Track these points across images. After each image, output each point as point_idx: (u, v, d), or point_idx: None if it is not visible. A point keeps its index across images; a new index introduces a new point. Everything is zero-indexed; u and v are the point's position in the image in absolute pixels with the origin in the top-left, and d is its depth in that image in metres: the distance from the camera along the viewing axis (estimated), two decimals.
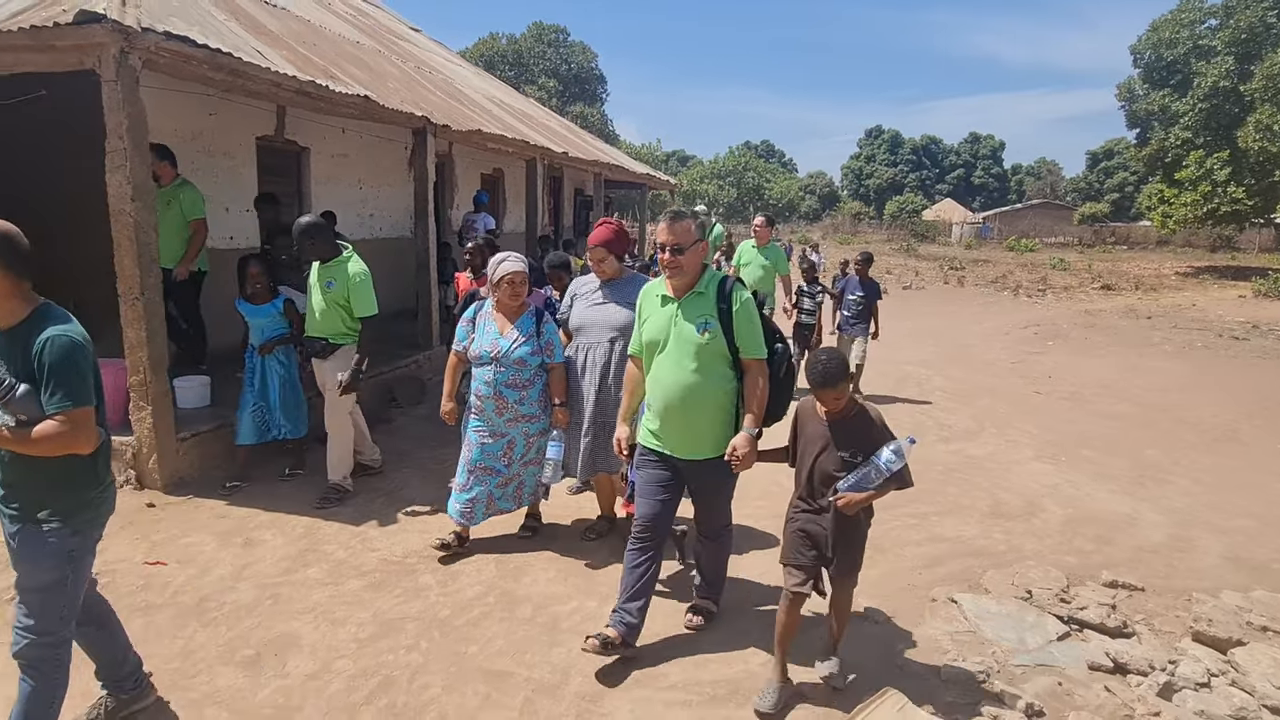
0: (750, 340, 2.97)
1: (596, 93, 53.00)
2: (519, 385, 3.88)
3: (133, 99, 4.27)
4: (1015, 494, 5.30)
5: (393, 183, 9.96)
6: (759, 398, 2.96)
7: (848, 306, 7.87)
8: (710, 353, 2.94)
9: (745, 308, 2.97)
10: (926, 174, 76.34)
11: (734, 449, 2.90)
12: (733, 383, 3.02)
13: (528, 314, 3.94)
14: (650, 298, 3.14)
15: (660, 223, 2.95)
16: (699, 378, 2.95)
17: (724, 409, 3.02)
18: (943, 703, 2.92)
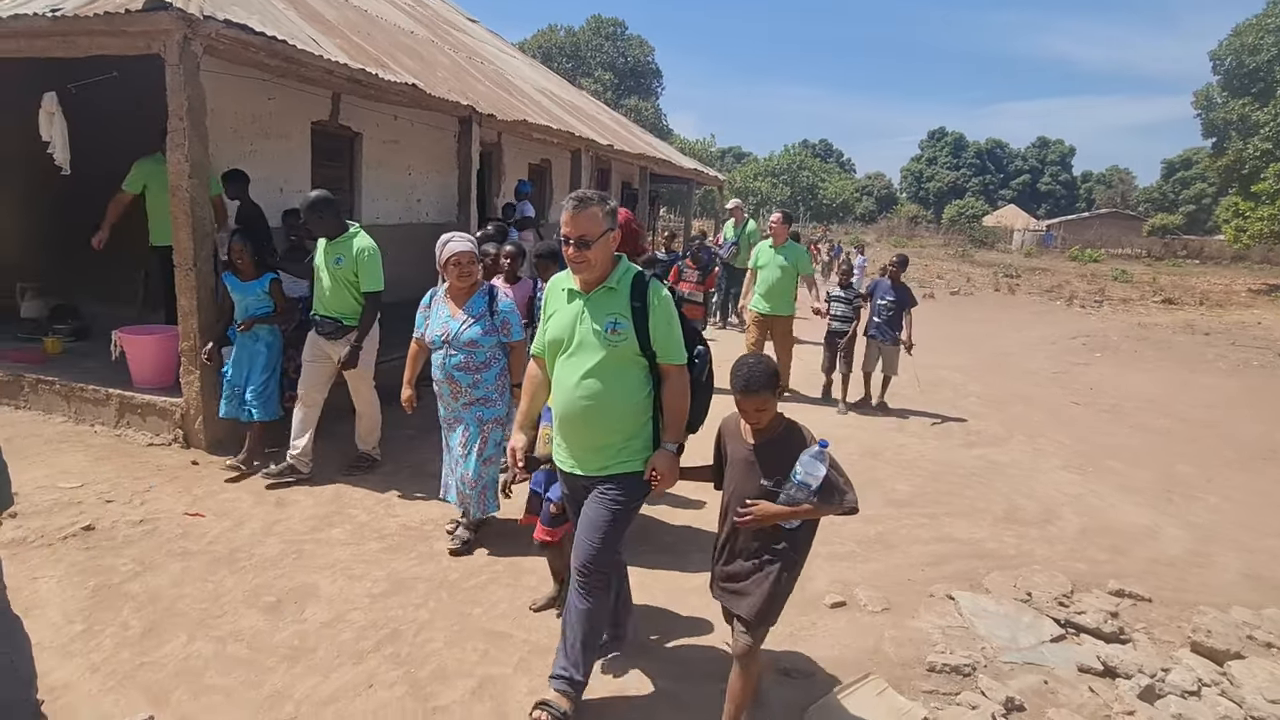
0: (667, 343, 2.59)
1: (651, 87, 53.07)
2: (470, 368, 3.76)
3: (193, 82, 4.57)
4: (1034, 500, 5.25)
5: (440, 169, 10.25)
6: (678, 409, 2.63)
7: (877, 311, 7.42)
8: (619, 356, 2.56)
9: (663, 306, 2.59)
10: (990, 179, 74.18)
11: (653, 467, 2.59)
12: (647, 390, 2.64)
13: (479, 294, 3.83)
14: (556, 292, 2.73)
15: (564, 210, 2.52)
16: (604, 384, 2.57)
17: (634, 420, 2.63)
18: (922, 691, 2.97)
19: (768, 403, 2.42)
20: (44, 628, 3.01)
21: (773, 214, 7.61)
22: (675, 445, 2.63)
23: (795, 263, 7.24)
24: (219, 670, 2.84)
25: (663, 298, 2.61)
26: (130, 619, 3.12)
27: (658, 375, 2.64)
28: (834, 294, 7.51)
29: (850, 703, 2.83)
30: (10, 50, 4.92)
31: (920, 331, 7.93)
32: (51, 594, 3.25)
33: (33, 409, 5.48)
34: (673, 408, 2.63)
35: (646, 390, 2.64)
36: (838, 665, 3.12)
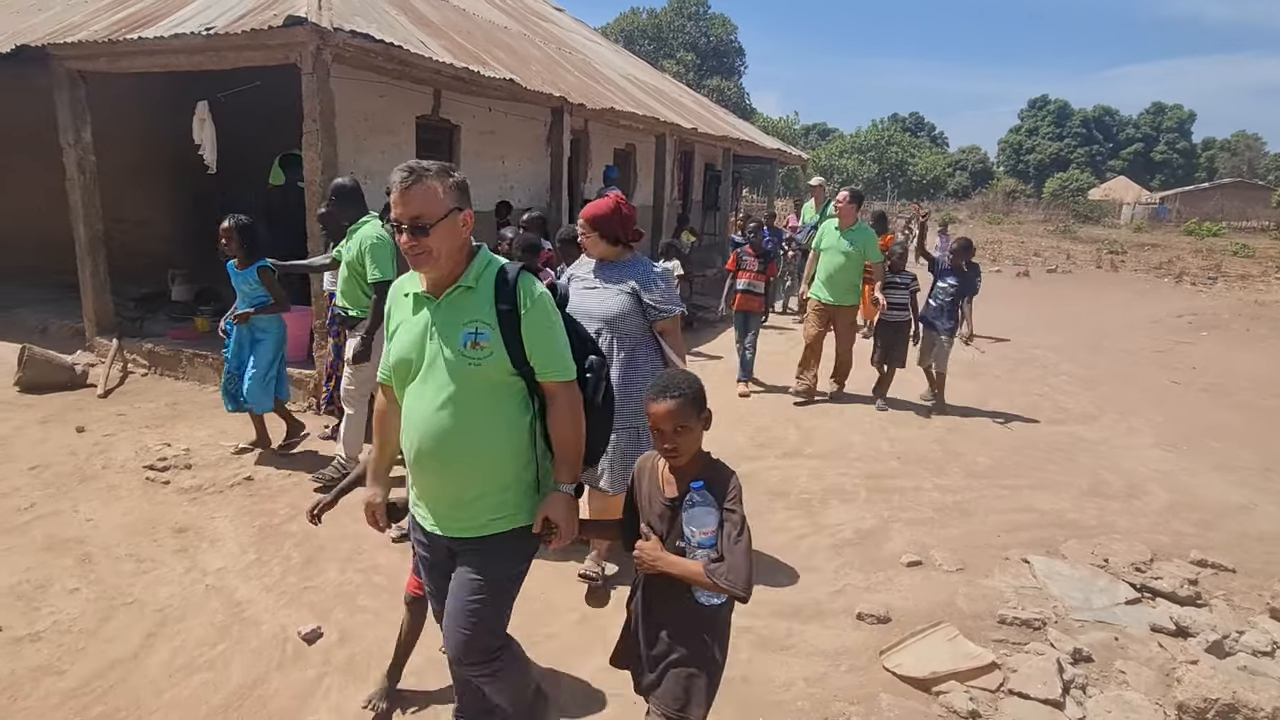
0: (548, 354, 2.00)
1: (734, 66, 52.49)
2: None
3: (325, 88, 5.13)
4: (1120, 475, 5.25)
5: (532, 157, 10.74)
6: (569, 439, 2.04)
7: (935, 295, 6.53)
8: (485, 379, 1.96)
9: (539, 306, 1.99)
10: (1097, 149, 69.72)
11: (544, 518, 2.01)
12: (527, 420, 2.04)
13: None
14: (399, 298, 2.10)
15: (393, 187, 1.91)
16: (467, 417, 1.96)
17: (510, 463, 2.03)
18: (992, 640, 3.18)
19: (689, 422, 1.86)
20: (225, 556, 3.61)
21: (839, 193, 6.72)
22: (571, 486, 2.05)
23: (863, 248, 6.48)
24: (368, 595, 3.35)
25: (538, 296, 2.00)
26: (291, 552, 3.69)
27: (542, 398, 2.05)
28: (890, 280, 6.62)
29: (923, 646, 3.07)
30: (170, 65, 5.61)
31: (1013, 310, 7.84)
32: (227, 530, 3.86)
33: (190, 379, 6.27)
34: (562, 437, 2.04)
35: (527, 420, 2.04)
36: (911, 614, 3.36)
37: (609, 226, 3.27)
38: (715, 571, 1.77)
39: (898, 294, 6.56)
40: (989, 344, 9.39)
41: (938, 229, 13.06)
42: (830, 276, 6.53)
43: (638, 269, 3.33)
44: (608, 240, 3.30)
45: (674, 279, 3.32)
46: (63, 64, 5.95)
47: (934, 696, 2.82)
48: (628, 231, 3.32)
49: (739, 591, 1.76)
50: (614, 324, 3.28)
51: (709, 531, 1.80)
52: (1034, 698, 2.76)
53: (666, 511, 1.93)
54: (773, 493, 4.69)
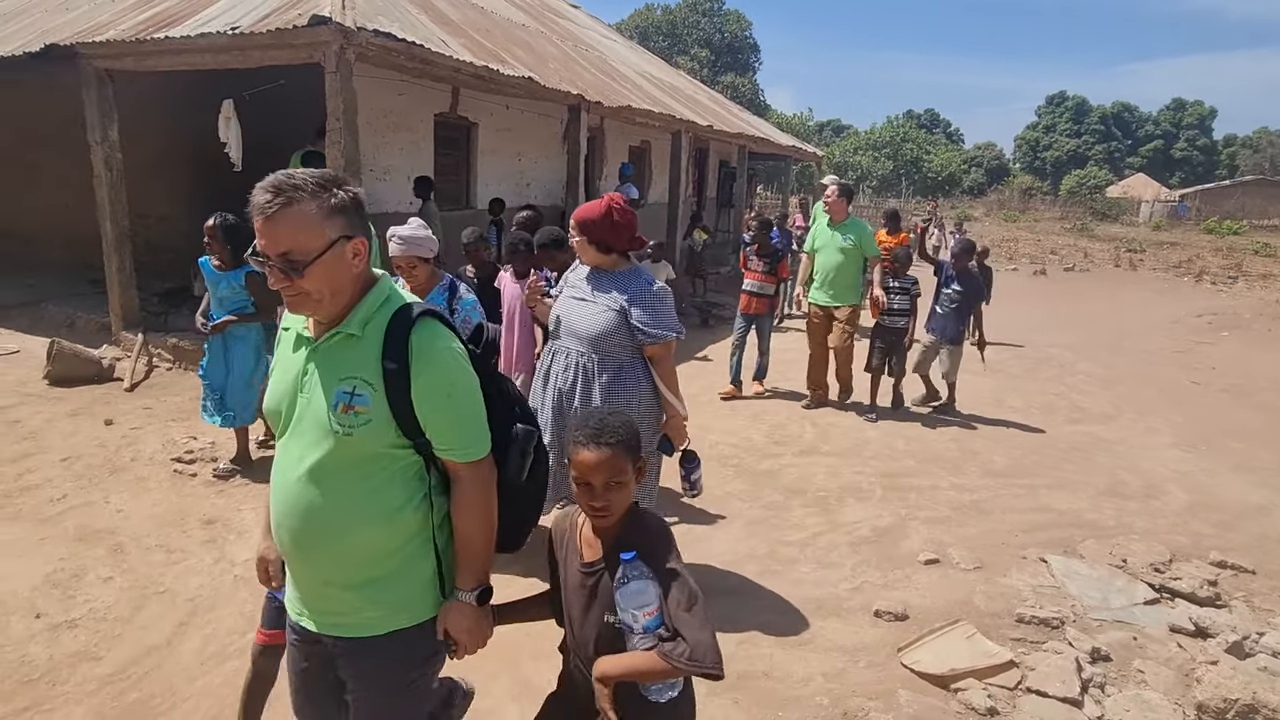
0: (447, 427, 1.54)
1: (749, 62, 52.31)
2: None
3: (348, 86, 5.19)
4: (1138, 476, 5.24)
5: (548, 154, 10.80)
6: (474, 534, 1.59)
7: (940, 302, 6.21)
8: (357, 449, 1.50)
9: (438, 367, 1.52)
10: (1115, 146, 68.95)
11: (443, 629, 1.63)
12: (417, 499, 1.57)
13: (437, 290, 3.40)
14: (285, 336, 1.67)
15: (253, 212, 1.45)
16: (331, 491, 1.52)
17: (392, 550, 1.57)
18: (1009, 639, 3.20)
19: (623, 476, 1.52)
20: (252, 547, 3.66)
21: (828, 186, 6.30)
22: (474, 593, 1.61)
23: (859, 243, 6.01)
24: None
25: (438, 353, 1.52)
26: None
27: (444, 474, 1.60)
28: (889, 284, 6.15)
29: (941, 643, 3.10)
30: (196, 64, 5.70)
31: (1029, 309, 7.78)
32: (253, 522, 3.93)
33: None
34: (465, 533, 1.59)
35: (418, 500, 1.58)
36: (929, 612, 3.38)
37: (598, 232, 2.93)
38: (674, 654, 1.44)
39: (899, 298, 6.13)
40: (1002, 350, 9.35)
41: (953, 227, 12.98)
42: (828, 277, 6.09)
43: (632, 283, 2.97)
44: (597, 247, 2.96)
45: (668, 292, 3.00)
46: (91, 63, 6.05)
47: (952, 693, 2.84)
48: (620, 239, 2.95)
49: (710, 670, 1.43)
50: (598, 343, 2.95)
51: (652, 611, 1.46)
52: (1052, 696, 2.78)
53: (585, 580, 1.57)
54: (790, 490, 4.71)
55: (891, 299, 6.12)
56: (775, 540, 4.04)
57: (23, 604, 3.11)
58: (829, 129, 67.03)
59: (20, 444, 4.73)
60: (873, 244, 6.14)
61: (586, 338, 2.97)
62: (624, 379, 2.99)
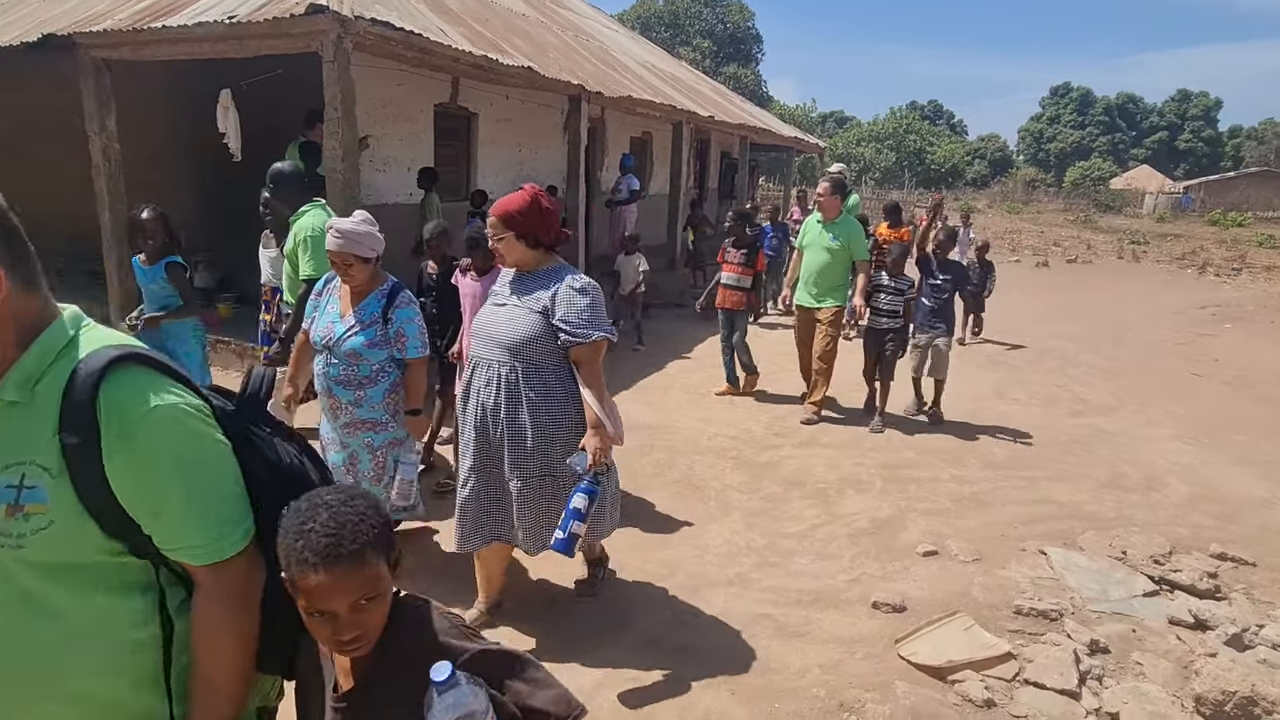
0: (170, 517, 1.10)
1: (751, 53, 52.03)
2: (353, 383, 3.05)
3: (345, 76, 5.15)
4: (1139, 468, 5.22)
5: (549, 145, 10.75)
6: (219, 669, 1.17)
7: (925, 294, 5.88)
8: (35, 563, 1.05)
9: (150, 430, 1.08)
10: (1120, 137, 68.64)
11: None
12: (140, 624, 1.13)
13: (375, 294, 3.08)
14: None
15: None
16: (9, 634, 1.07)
17: (105, 697, 1.12)
18: (1008, 630, 3.19)
19: (375, 585, 1.10)
20: None
21: (820, 182, 5.96)
22: None
23: (847, 243, 5.65)
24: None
25: (150, 412, 1.08)
26: None
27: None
28: (881, 282, 5.74)
29: (938, 635, 3.09)
30: (194, 53, 5.66)
31: (1032, 301, 7.73)
32: None
33: (214, 365, 6.34)
34: (205, 668, 1.17)
35: (142, 623, 1.14)
36: (927, 604, 3.37)
37: (526, 225, 2.62)
38: None
39: (891, 300, 5.69)
40: (1003, 349, 9.33)
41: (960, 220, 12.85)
42: (813, 276, 5.75)
43: (555, 280, 2.67)
44: (526, 242, 2.65)
45: (594, 288, 2.67)
46: (88, 53, 6.02)
47: (949, 685, 2.83)
48: (550, 231, 2.68)
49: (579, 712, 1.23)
50: (521, 351, 2.65)
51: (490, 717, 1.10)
52: (1050, 688, 2.77)
53: (338, 715, 1.17)
54: (789, 482, 4.70)
55: (881, 299, 5.69)
56: (774, 532, 4.04)
57: None
58: (832, 120, 66.75)
59: None
60: (862, 248, 5.73)
61: (507, 345, 2.65)
62: (554, 392, 2.68)
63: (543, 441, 2.68)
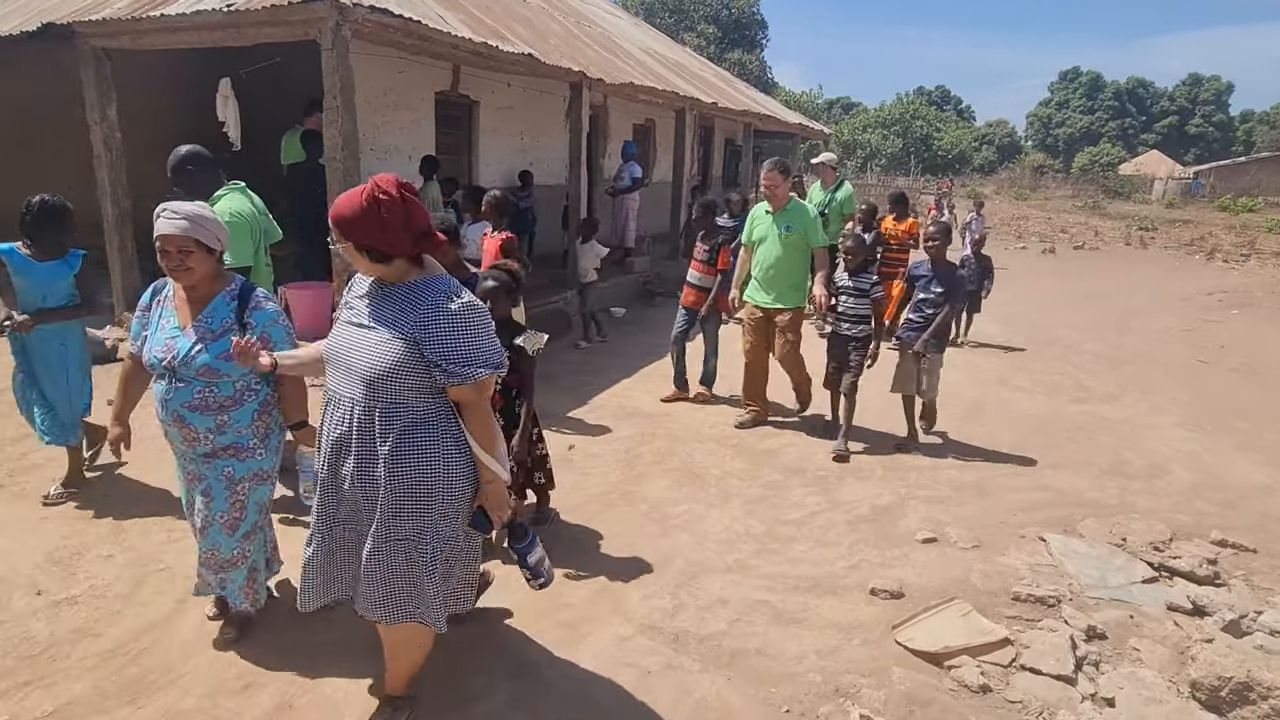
0: None
1: (756, 39, 51.60)
2: (212, 406, 2.53)
3: (344, 64, 5.14)
4: (1142, 455, 5.20)
5: (551, 133, 10.70)
6: None
7: (915, 307, 5.12)
8: None
9: None
10: (1129, 122, 68.02)
11: None
12: None
13: (222, 297, 2.56)
14: None
15: None
16: None
17: None
18: (1005, 616, 3.19)
19: None
20: None
21: (765, 169, 5.20)
22: None
23: (803, 231, 5.04)
24: None
25: None
26: None
27: None
28: (839, 283, 4.99)
29: (935, 621, 3.10)
30: (192, 41, 5.65)
31: (1036, 289, 7.67)
32: None
33: None
34: None
35: None
36: (925, 591, 3.37)
37: (362, 233, 2.01)
38: None
39: (853, 301, 4.89)
40: (1008, 329, 9.30)
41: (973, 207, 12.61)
42: (767, 274, 5.13)
43: (425, 298, 2.06)
44: (368, 255, 2.04)
45: (477, 310, 2.10)
46: (88, 41, 6.01)
47: (945, 670, 2.84)
48: (396, 241, 2.03)
49: None
50: (379, 387, 2.06)
51: None
52: (1046, 673, 2.78)
53: None
54: (789, 469, 4.70)
55: (843, 301, 4.93)
56: (773, 519, 4.04)
57: (24, 581, 3.14)
58: (838, 106, 66.27)
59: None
60: (817, 232, 5.11)
61: (363, 379, 2.07)
62: (419, 437, 2.11)
63: (401, 501, 2.12)
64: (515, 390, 3.42)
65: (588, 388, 6.12)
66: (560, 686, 2.69)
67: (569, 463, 4.64)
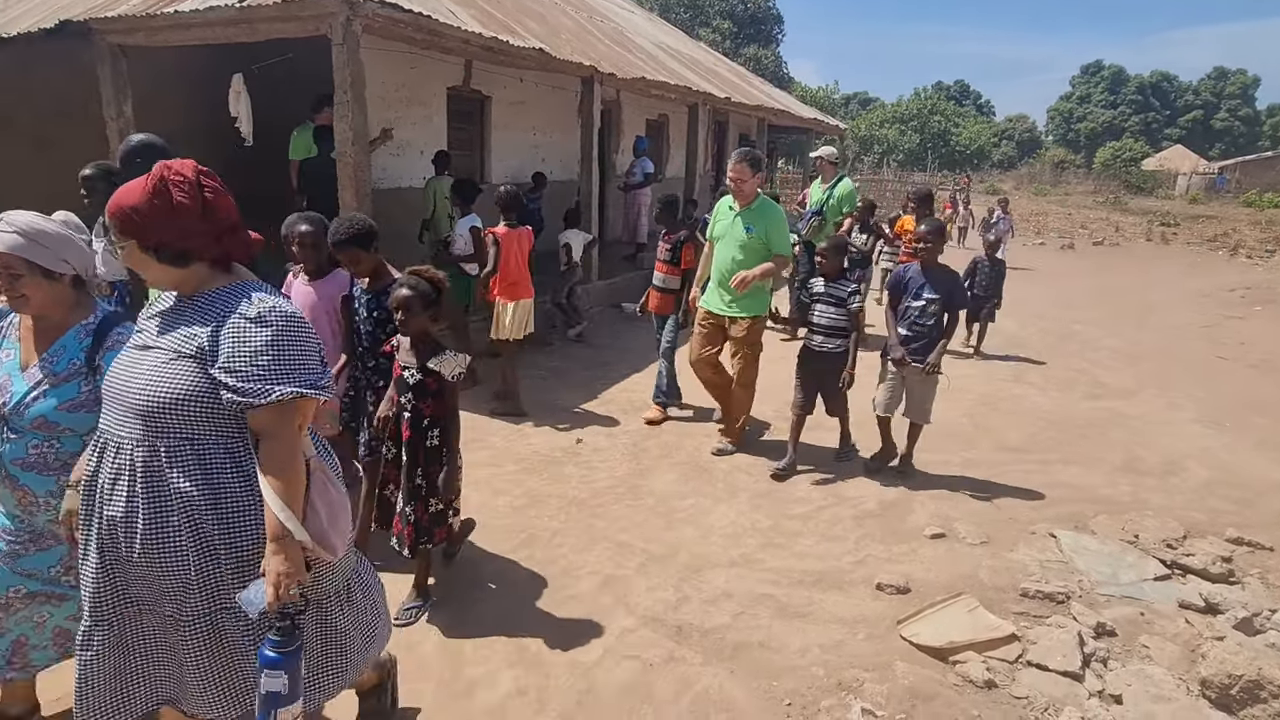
0: None
1: (772, 34, 51.34)
2: (51, 465, 1.99)
3: (355, 59, 5.15)
4: (1156, 452, 5.13)
5: (563, 128, 10.70)
6: None
7: (905, 316, 4.33)
8: None
9: None
10: (1153, 116, 66.94)
11: None
12: None
13: (75, 331, 2.03)
14: None
15: None
16: None
17: None
18: (1013, 612, 3.16)
19: None
20: None
21: (732, 161, 4.53)
22: None
23: (764, 235, 4.43)
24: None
25: None
26: None
27: None
28: (814, 290, 4.47)
29: (941, 616, 3.07)
30: (206, 38, 5.70)
31: (1054, 284, 7.56)
32: None
33: None
34: None
35: None
36: (932, 586, 3.34)
37: (148, 228, 1.65)
38: None
39: (829, 311, 4.36)
40: (1027, 326, 9.18)
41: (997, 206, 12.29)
42: (724, 277, 4.54)
43: (221, 306, 1.70)
44: (156, 256, 1.68)
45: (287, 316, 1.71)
46: (104, 38, 6.08)
47: (950, 666, 2.82)
48: (191, 237, 1.68)
49: None
50: (160, 419, 1.65)
51: None
52: (1053, 669, 2.75)
53: None
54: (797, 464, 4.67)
55: (817, 311, 4.42)
56: (779, 514, 4.02)
57: None
58: (855, 102, 65.80)
59: None
60: (783, 240, 4.49)
61: (140, 411, 1.65)
62: (221, 479, 1.68)
63: (209, 560, 1.68)
64: (428, 419, 2.84)
65: (598, 382, 6.13)
66: (562, 677, 2.70)
67: (576, 456, 4.65)
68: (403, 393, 2.84)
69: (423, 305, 2.76)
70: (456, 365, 2.78)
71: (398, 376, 2.87)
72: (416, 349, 2.83)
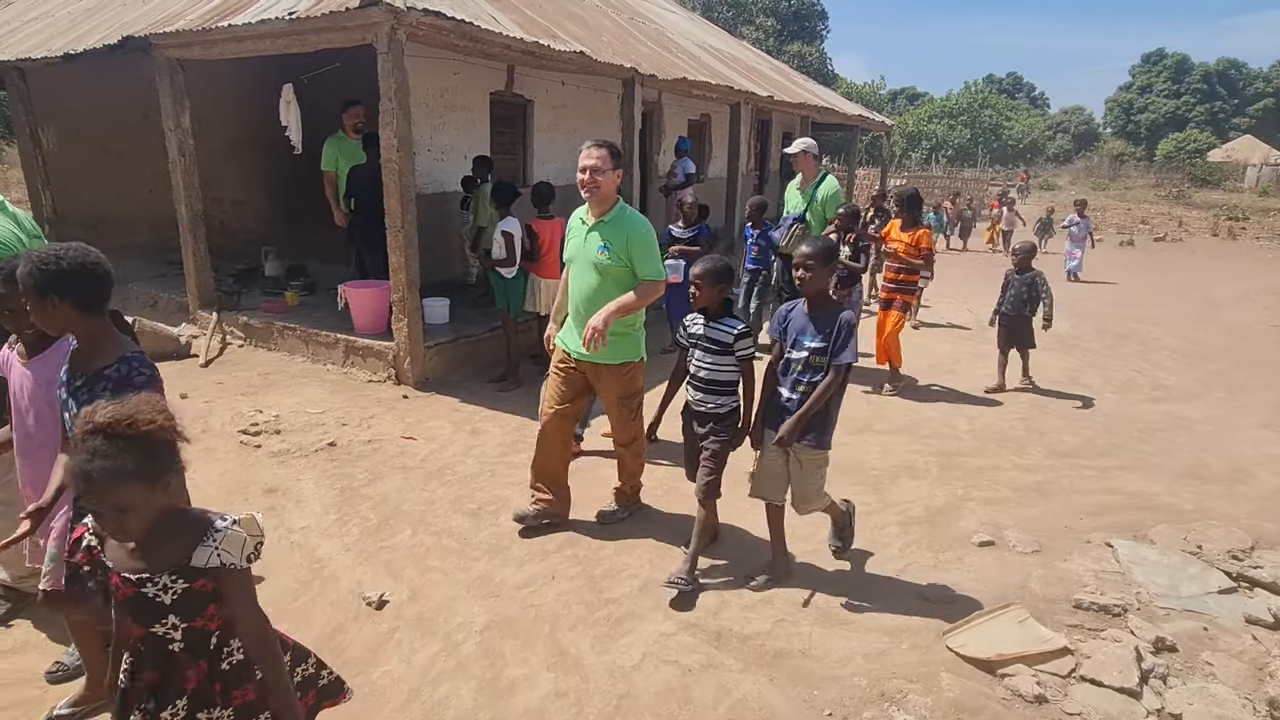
0: None
1: (816, 30, 50.69)
2: None
3: (399, 67, 5.25)
4: (1222, 458, 4.90)
5: (605, 130, 10.72)
6: None
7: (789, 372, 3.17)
8: None
9: None
10: (1220, 106, 63.89)
11: None
12: None
13: None
14: None
15: None
16: None
17: None
18: (1065, 625, 3.05)
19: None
20: (309, 516, 3.84)
21: (585, 150, 3.39)
22: None
23: (625, 255, 3.39)
24: (437, 556, 3.50)
25: None
26: (369, 514, 3.88)
27: None
28: (693, 329, 3.33)
29: (989, 627, 2.98)
30: (258, 50, 5.87)
31: (1113, 284, 7.32)
32: (311, 492, 4.10)
33: (280, 350, 6.64)
34: None
35: None
36: (980, 596, 3.25)
37: None
38: None
39: (711, 362, 3.28)
40: (1081, 324, 8.89)
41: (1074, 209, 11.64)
42: (579, 312, 3.52)
43: None
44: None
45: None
46: (163, 52, 6.32)
47: (998, 679, 2.73)
48: None
49: None
50: None
51: None
52: (1108, 685, 2.64)
53: None
54: (840, 468, 4.55)
55: (695, 361, 3.32)
56: (823, 519, 3.94)
57: None
58: (902, 97, 64.47)
59: None
60: (648, 257, 3.41)
61: None
62: None
63: None
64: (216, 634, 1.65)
65: None
66: (601, 680, 2.70)
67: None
68: (154, 621, 1.58)
69: (116, 478, 1.47)
70: (245, 540, 1.64)
71: (128, 597, 1.58)
72: (144, 547, 1.58)
